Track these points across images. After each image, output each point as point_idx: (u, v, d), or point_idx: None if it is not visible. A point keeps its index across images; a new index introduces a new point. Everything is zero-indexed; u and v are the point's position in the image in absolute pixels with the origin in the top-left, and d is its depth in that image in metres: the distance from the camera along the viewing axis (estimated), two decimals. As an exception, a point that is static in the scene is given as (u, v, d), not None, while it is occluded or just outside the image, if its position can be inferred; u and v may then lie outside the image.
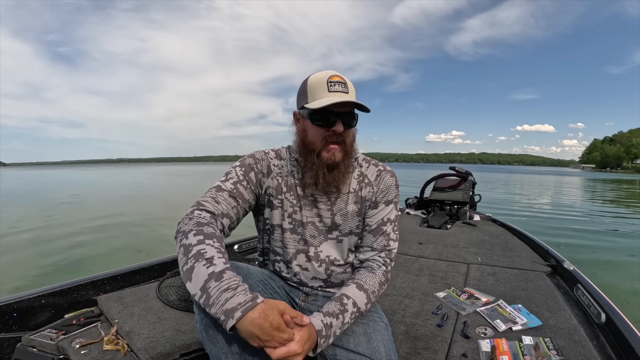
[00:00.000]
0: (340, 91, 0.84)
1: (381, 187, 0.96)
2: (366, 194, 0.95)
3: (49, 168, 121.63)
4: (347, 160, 0.90)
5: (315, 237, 0.93)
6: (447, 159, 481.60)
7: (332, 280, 0.96)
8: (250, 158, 0.93)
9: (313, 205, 0.93)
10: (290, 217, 0.93)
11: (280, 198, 0.93)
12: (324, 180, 0.88)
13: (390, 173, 0.98)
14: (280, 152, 0.98)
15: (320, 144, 0.87)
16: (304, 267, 0.94)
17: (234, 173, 0.89)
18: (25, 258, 4.53)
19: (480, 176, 21.08)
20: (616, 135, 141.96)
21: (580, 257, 4.46)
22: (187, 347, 1.04)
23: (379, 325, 0.90)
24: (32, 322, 1.23)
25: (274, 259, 0.99)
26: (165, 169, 62.90)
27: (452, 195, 3.71)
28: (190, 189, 17.39)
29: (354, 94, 0.88)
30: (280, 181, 0.93)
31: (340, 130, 0.85)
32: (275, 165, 0.94)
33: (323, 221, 0.93)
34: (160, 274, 1.64)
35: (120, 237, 5.81)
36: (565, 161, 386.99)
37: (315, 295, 0.96)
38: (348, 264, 0.97)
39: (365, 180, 0.96)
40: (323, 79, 0.85)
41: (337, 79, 0.85)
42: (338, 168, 0.88)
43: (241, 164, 0.91)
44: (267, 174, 0.93)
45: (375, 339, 0.84)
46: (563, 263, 1.73)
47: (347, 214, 0.94)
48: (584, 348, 1.04)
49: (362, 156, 1.00)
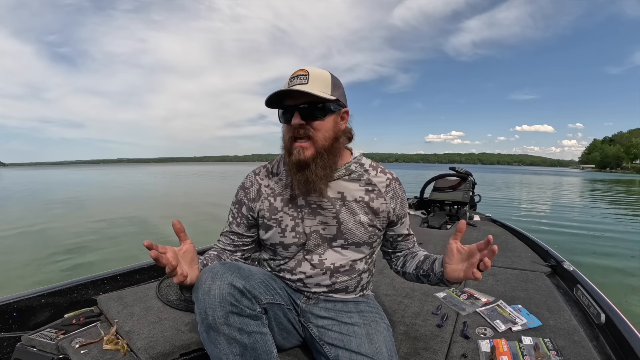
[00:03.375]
0: (297, 84, 0.80)
1: (396, 200, 0.95)
2: (379, 206, 0.92)
3: (48, 168, 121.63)
4: (321, 159, 0.83)
5: (319, 246, 0.91)
6: (446, 159, 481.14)
7: (337, 287, 0.93)
8: (241, 191, 0.96)
9: (316, 214, 0.90)
10: (293, 231, 0.90)
11: (276, 218, 0.90)
12: (297, 182, 0.84)
13: (397, 181, 0.97)
14: (274, 166, 0.96)
15: (289, 142, 0.84)
16: (308, 274, 0.92)
17: (231, 213, 0.98)
18: (25, 258, 4.53)
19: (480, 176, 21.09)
20: (616, 135, 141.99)
21: (580, 258, 4.46)
22: (187, 346, 1.04)
23: (380, 326, 0.90)
24: (32, 321, 1.23)
25: (277, 267, 0.97)
26: (165, 169, 62.91)
27: (452, 195, 3.71)
28: (190, 188, 17.39)
29: (322, 83, 0.81)
30: (272, 201, 0.91)
31: (297, 123, 0.80)
32: (266, 185, 0.93)
33: (328, 229, 0.90)
34: (160, 273, 1.64)
35: (120, 236, 5.81)
36: (565, 161, 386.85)
37: (317, 298, 0.95)
38: (355, 270, 0.94)
39: (375, 191, 0.93)
40: (289, 75, 0.83)
41: (300, 73, 0.81)
42: (308, 168, 0.82)
43: (236, 200, 0.97)
44: (257, 198, 0.93)
45: (377, 340, 0.83)
46: (563, 263, 1.73)
47: (355, 223, 0.90)
48: (583, 348, 1.04)
49: (368, 161, 0.96)
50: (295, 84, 0.80)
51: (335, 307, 0.93)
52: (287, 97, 0.82)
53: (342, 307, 0.94)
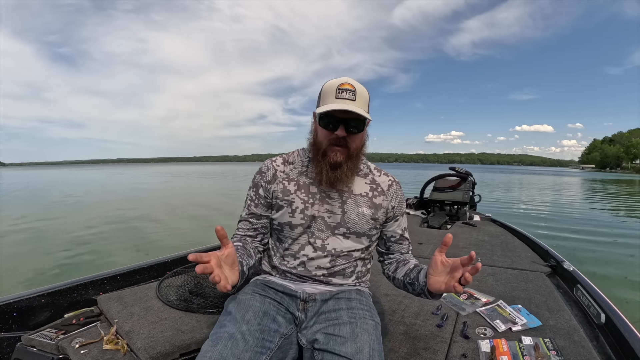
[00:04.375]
0: (347, 98, 0.89)
1: (396, 200, 1.05)
2: (381, 202, 1.02)
3: (48, 168, 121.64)
4: (350, 162, 0.96)
5: (323, 231, 0.98)
6: (446, 159, 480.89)
7: (335, 270, 0.99)
8: (258, 174, 1.05)
9: (324, 202, 0.98)
10: (302, 213, 0.98)
11: (287, 199, 0.99)
12: (327, 177, 0.95)
13: (398, 184, 1.08)
14: (290, 157, 1.06)
15: (326, 145, 0.94)
16: (310, 257, 0.98)
17: (248, 197, 1.05)
18: (25, 258, 4.53)
19: (480, 176, 21.10)
20: (616, 135, 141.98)
21: (580, 257, 4.46)
22: (187, 347, 1.04)
23: (367, 324, 0.90)
24: (32, 321, 1.23)
25: (280, 252, 1.02)
26: (165, 169, 62.92)
27: (452, 195, 3.71)
28: (190, 189, 17.40)
29: (364, 101, 0.92)
30: (286, 184, 1.00)
31: (341, 135, 0.91)
32: (281, 171, 1.03)
33: (333, 217, 0.98)
34: (160, 273, 1.64)
35: (120, 236, 5.81)
36: (565, 161, 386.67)
37: (313, 301, 0.96)
38: (352, 256, 1.01)
39: (378, 189, 1.03)
40: (334, 85, 0.91)
41: (346, 87, 0.90)
42: (341, 168, 0.94)
43: (252, 184, 1.05)
44: (273, 180, 1.02)
45: (362, 339, 0.83)
46: (563, 263, 1.73)
47: (358, 215, 0.99)
48: (583, 348, 1.04)
49: (372, 165, 1.08)
50: (345, 98, 0.89)
51: (328, 306, 0.95)
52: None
53: (334, 305, 0.95)
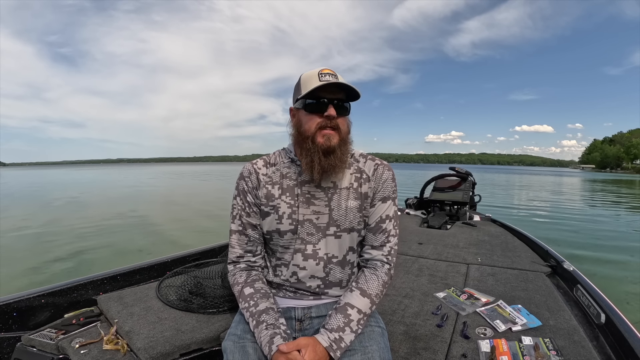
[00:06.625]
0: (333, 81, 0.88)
1: (380, 181, 0.97)
2: (367, 190, 0.96)
3: (48, 168, 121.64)
4: (343, 147, 0.91)
5: (313, 235, 0.93)
6: (446, 159, 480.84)
7: (330, 279, 0.94)
8: (241, 181, 0.97)
9: (309, 203, 0.93)
10: (290, 218, 0.92)
11: (272, 204, 0.93)
12: (320, 166, 0.88)
13: (387, 167, 0.99)
14: (272, 158, 1.00)
15: (315, 129, 0.89)
16: (302, 266, 0.92)
17: (236, 206, 0.97)
18: (25, 258, 4.53)
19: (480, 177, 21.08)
20: (616, 135, 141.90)
21: (580, 258, 4.46)
22: (187, 347, 1.04)
23: (374, 332, 0.89)
24: (32, 321, 1.23)
25: (272, 263, 0.98)
26: (165, 169, 62.93)
27: (452, 195, 3.71)
28: (190, 189, 17.39)
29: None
30: (270, 189, 0.95)
31: (333, 114, 0.87)
32: (264, 174, 0.97)
33: (321, 218, 0.93)
34: (160, 273, 1.64)
35: (120, 236, 5.81)
36: (565, 161, 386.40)
37: (309, 318, 0.94)
38: (347, 262, 0.95)
39: (364, 176, 0.97)
40: (315, 72, 0.90)
41: (327, 72, 0.89)
42: (334, 153, 0.89)
43: (237, 191, 0.98)
44: (258, 186, 0.96)
45: (371, 349, 0.83)
46: (563, 263, 1.73)
47: (346, 209, 0.93)
48: (583, 348, 1.04)
49: (358, 152, 1.01)
50: (329, 80, 0.87)
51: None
52: (321, 90, 0.87)
53: None
